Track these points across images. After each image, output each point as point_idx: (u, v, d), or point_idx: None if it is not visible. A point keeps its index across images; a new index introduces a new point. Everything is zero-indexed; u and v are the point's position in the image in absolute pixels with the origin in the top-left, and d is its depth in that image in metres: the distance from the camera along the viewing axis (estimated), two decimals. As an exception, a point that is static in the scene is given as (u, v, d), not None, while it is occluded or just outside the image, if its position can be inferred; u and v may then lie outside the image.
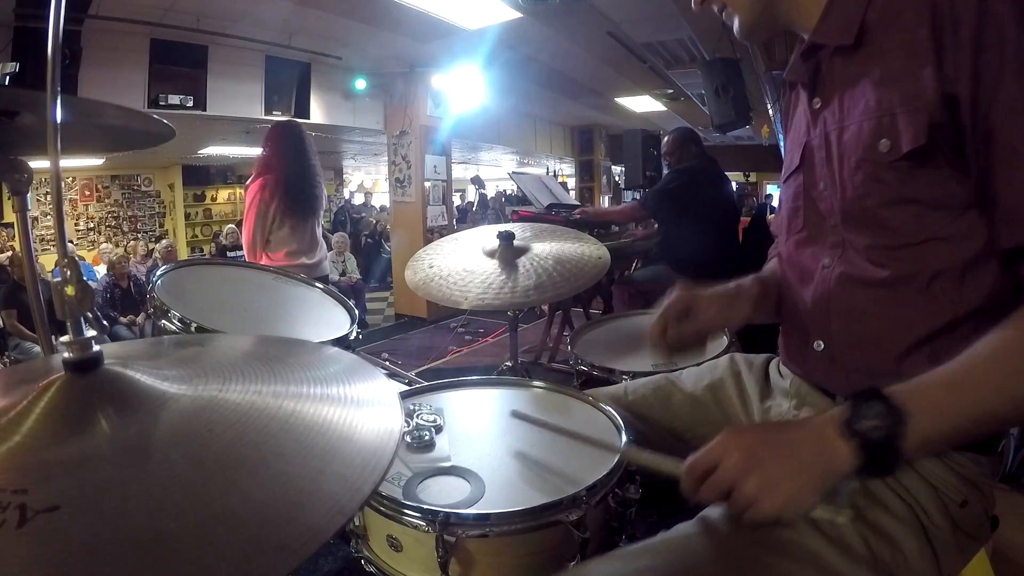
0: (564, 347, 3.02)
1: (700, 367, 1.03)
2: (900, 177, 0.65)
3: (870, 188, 0.67)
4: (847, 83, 0.70)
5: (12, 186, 0.91)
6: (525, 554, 0.71)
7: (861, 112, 0.68)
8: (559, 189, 3.98)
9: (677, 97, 6.71)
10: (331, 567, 1.62)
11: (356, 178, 13.77)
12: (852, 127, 0.69)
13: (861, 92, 0.68)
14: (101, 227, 8.43)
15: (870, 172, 0.67)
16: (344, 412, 0.51)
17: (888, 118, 0.64)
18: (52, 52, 0.57)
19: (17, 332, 4.07)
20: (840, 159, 0.71)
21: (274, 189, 2.52)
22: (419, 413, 0.93)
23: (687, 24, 4.14)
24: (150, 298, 1.14)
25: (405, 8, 3.79)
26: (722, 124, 4.38)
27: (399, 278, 5.94)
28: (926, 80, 0.61)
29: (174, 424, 0.47)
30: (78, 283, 0.51)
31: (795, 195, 0.82)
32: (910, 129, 0.62)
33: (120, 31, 3.87)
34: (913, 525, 0.66)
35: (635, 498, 0.77)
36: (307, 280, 1.49)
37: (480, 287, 1.26)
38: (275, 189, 2.52)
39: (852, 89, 0.69)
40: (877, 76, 0.66)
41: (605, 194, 9.89)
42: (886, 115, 0.64)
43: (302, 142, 2.61)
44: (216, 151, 7.80)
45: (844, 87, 0.71)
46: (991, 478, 0.70)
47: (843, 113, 0.71)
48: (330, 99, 5.43)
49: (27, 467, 0.42)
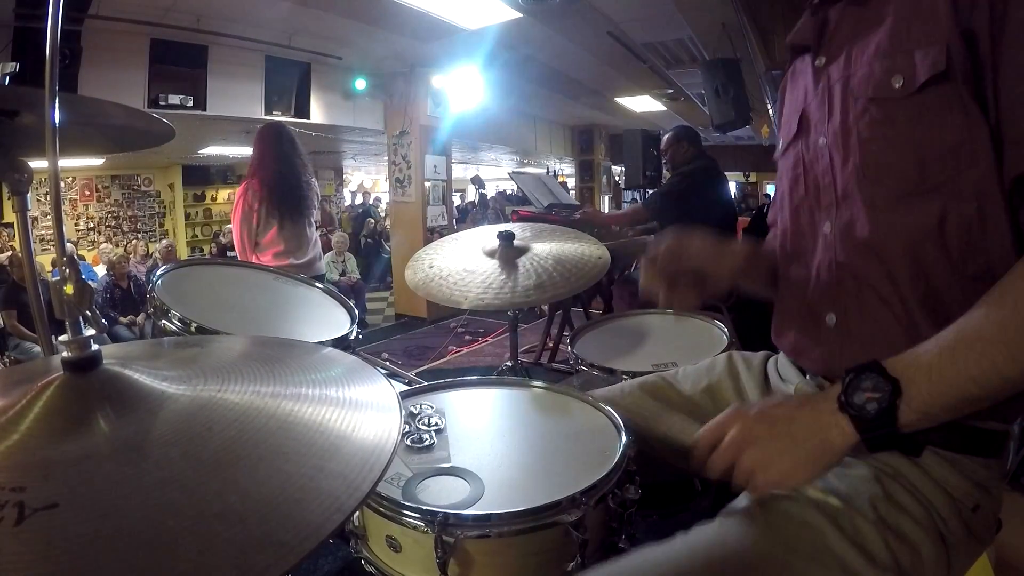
0: (564, 347, 3.02)
1: (698, 367, 1.03)
2: (910, 116, 0.64)
3: (876, 131, 0.67)
4: (857, 34, 0.70)
5: (12, 186, 0.91)
6: (524, 555, 0.71)
7: (871, 55, 0.67)
8: (559, 189, 3.98)
9: (677, 97, 6.71)
10: (331, 567, 1.62)
11: (356, 178, 13.77)
12: (861, 71, 0.68)
13: (872, 38, 0.67)
14: (101, 227, 8.43)
15: (878, 114, 0.66)
16: (344, 412, 0.51)
17: (902, 56, 0.64)
18: (50, 53, 0.57)
19: (17, 332, 4.08)
20: (844, 107, 0.70)
21: (258, 192, 2.55)
22: (419, 414, 0.93)
23: (687, 24, 4.14)
24: (150, 298, 1.14)
25: (405, 8, 3.79)
26: (722, 124, 4.39)
27: (399, 278, 5.94)
28: (941, 14, 0.61)
29: (173, 423, 0.47)
30: (77, 282, 0.52)
31: (794, 164, 0.81)
32: (926, 60, 0.61)
33: (120, 31, 3.87)
34: (931, 530, 0.65)
35: (635, 498, 0.77)
36: (307, 280, 1.49)
37: (480, 287, 1.26)
38: (259, 192, 2.55)
39: (862, 38, 0.69)
40: (890, 19, 0.66)
41: (605, 194, 9.89)
42: (900, 53, 0.64)
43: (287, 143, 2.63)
44: (216, 151, 7.80)
45: (854, 39, 0.70)
46: (999, 481, 0.69)
47: (850, 62, 0.70)
48: (330, 99, 5.44)
49: (26, 465, 0.42)
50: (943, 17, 0.61)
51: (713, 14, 3.85)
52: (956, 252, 0.63)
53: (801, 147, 0.79)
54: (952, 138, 0.62)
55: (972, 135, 0.61)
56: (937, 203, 0.63)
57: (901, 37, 0.65)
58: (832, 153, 0.72)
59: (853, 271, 0.71)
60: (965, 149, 0.61)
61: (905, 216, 0.66)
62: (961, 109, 0.61)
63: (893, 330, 0.68)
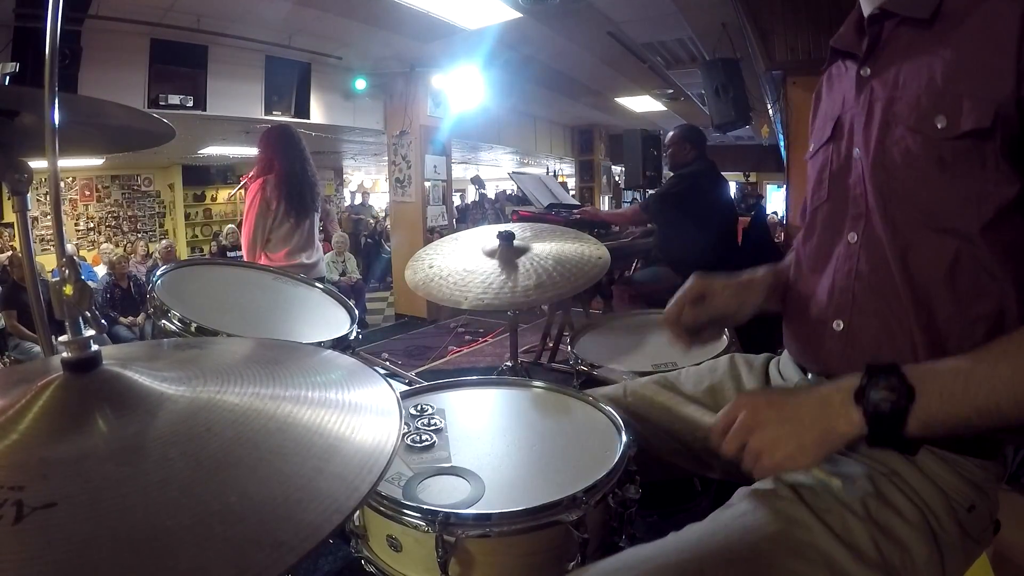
0: (564, 347, 3.02)
1: (700, 368, 1.03)
2: (942, 157, 0.64)
3: (908, 159, 0.67)
4: (909, 56, 0.69)
5: (12, 186, 0.91)
6: (525, 554, 0.71)
7: (922, 86, 0.67)
8: (559, 189, 3.98)
9: (677, 97, 6.71)
10: (331, 567, 1.62)
11: (356, 178, 13.77)
12: (906, 98, 0.68)
13: (925, 67, 0.67)
14: (101, 227, 8.43)
15: (914, 145, 0.66)
16: (344, 415, 0.51)
17: (952, 99, 0.64)
18: (50, 53, 0.57)
19: (17, 332, 4.08)
20: (883, 126, 0.70)
21: (276, 188, 2.55)
22: (419, 414, 0.93)
23: (687, 24, 4.14)
24: (150, 298, 1.14)
25: (405, 8, 3.79)
26: (722, 124, 4.38)
27: (399, 278, 5.94)
28: (1004, 70, 0.60)
29: (172, 423, 0.47)
30: (77, 283, 0.52)
31: (822, 167, 0.81)
32: (974, 113, 0.62)
33: (120, 31, 3.87)
34: (923, 530, 0.65)
35: (635, 498, 0.77)
36: (307, 280, 1.50)
37: (480, 287, 1.26)
38: (277, 188, 2.55)
39: (914, 61, 0.68)
40: (949, 56, 0.65)
41: (605, 194, 9.89)
42: (950, 96, 0.64)
43: (299, 143, 2.66)
44: (216, 151, 7.80)
45: (905, 59, 0.69)
46: (996, 483, 0.70)
47: (898, 84, 0.69)
48: (330, 99, 5.44)
49: (24, 464, 0.42)
50: (1005, 74, 0.60)
51: (713, 14, 3.85)
52: (963, 293, 0.65)
53: (832, 153, 0.79)
54: (977, 188, 0.63)
55: (998, 191, 0.62)
56: (952, 244, 0.65)
57: (957, 79, 0.64)
58: (865, 166, 0.72)
59: (871, 282, 0.72)
60: (989, 202, 0.63)
61: (921, 247, 0.67)
62: (994, 165, 0.62)
63: (896, 344, 0.69)
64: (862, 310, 0.72)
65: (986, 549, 0.75)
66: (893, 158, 0.69)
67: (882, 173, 0.70)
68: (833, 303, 0.76)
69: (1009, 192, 0.62)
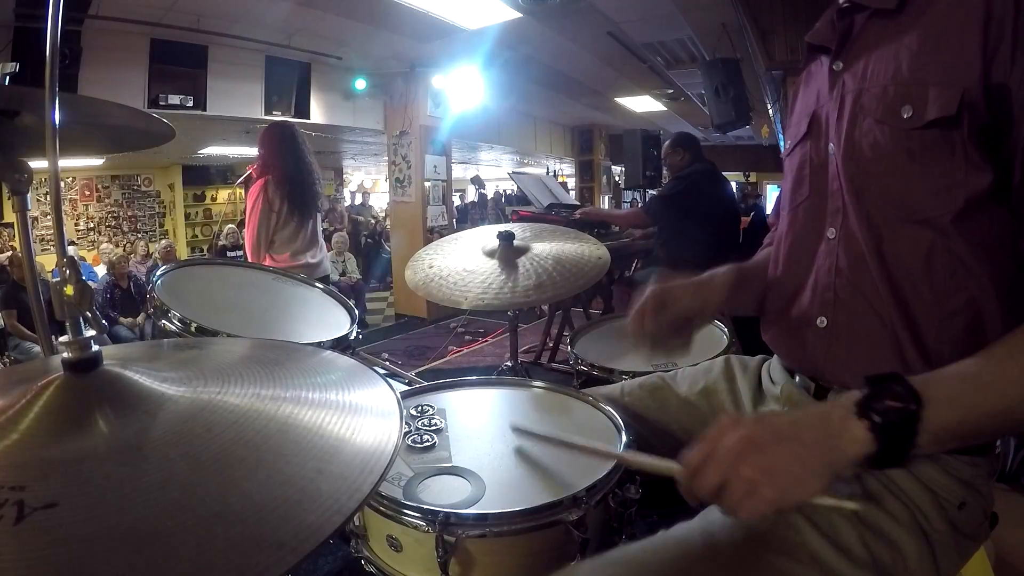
0: (564, 347, 3.02)
1: (696, 368, 1.03)
2: (910, 148, 0.64)
3: (877, 152, 0.66)
4: (877, 46, 0.69)
5: (12, 186, 0.91)
6: (525, 554, 0.71)
7: (889, 76, 0.66)
8: (559, 189, 3.98)
9: (677, 97, 6.71)
10: (331, 567, 1.62)
11: (356, 178, 13.76)
12: (874, 89, 0.67)
13: (892, 57, 0.66)
14: (101, 227, 8.43)
15: (881, 137, 0.66)
16: (344, 416, 0.51)
17: (917, 88, 0.63)
18: (50, 53, 0.57)
19: (17, 332, 4.07)
20: (852, 119, 0.70)
21: (278, 188, 2.54)
22: (420, 414, 0.93)
23: (687, 24, 4.14)
24: (150, 298, 1.14)
25: (405, 8, 3.79)
26: (722, 124, 4.39)
27: (399, 278, 5.94)
28: (970, 55, 0.59)
29: (172, 424, 0.47)
30: (77, 283, 0.52)
31: (800, 165, 0.80)
32: (939, 101, 0.61)
33: (120, 31, 3.87)
34: (912, 528, 0.65)
35: (635, 498, 0.77)
36: (307, 280, 1.49)
37: (480, 287, 1.26)
38: (279, 188, 2.54)
39: (882, 52, 0.68)
40: (915, 45, 0.64)
41: (605, 194, 9.88)
42: (916, 85, 0.63)
43: (300, 142, 2.64)
44: (216, 151, 7.80)
45: (873, 50, 0.69)
46: (988, 479, 0.69)
47: (867, 75, 0.69)
48: (330, 99, 5.43)
49: (25, 464, 0.42)
50: (971, 59, 0.59)
51: (713, 14, 3.85)
52: (939, 286, 0.64)
53: (809, 149, 0.78)
54: (947, 178, 0.62)
55: (968, 180, 0.61)
56: (926, 236, 0.64)
57: (922, 65, 0.63)
58: (839, 161, 0.72)
59: (851, 278, 0.71)
60: (959, 192, 0.62)
61: (895, 240, 0.66)
62: (962, 154, 0.61)
63: (880, 340, 0.68)
64: (844, 306, 0.72)
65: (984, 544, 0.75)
66: (863, 151, 0.68)
67: (853, 166, 0.69)
68: (816, 300, 0.75)
69: (981, 182, 0.61)
